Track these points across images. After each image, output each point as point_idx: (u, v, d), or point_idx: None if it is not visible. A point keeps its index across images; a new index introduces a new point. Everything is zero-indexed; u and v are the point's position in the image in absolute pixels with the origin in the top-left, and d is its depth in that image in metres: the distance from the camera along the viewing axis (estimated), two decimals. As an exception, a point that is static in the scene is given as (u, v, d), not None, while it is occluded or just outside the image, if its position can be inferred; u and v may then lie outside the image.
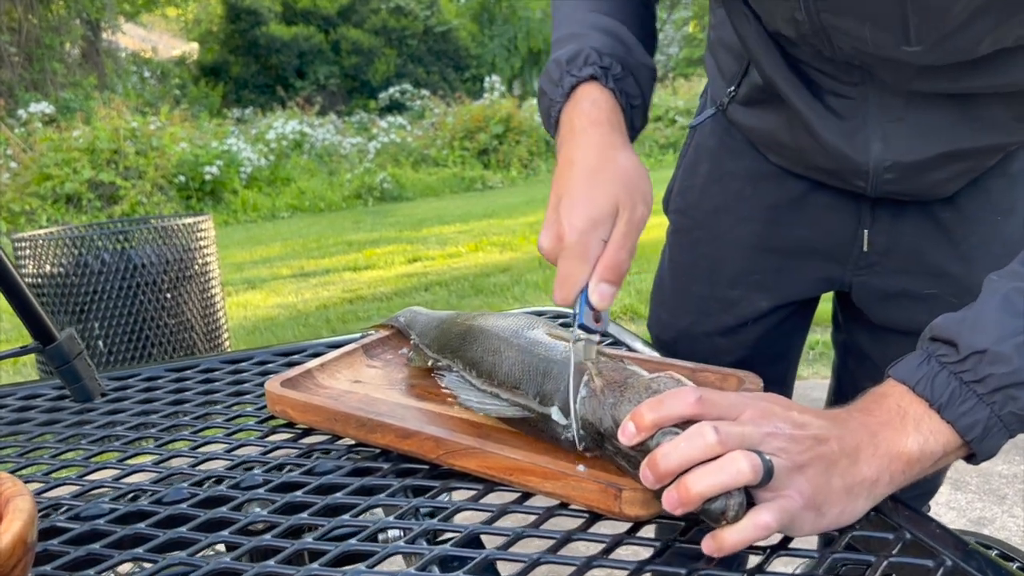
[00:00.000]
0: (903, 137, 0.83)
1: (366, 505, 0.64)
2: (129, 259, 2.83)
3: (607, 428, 0.60)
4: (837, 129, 0.85)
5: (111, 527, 0.63)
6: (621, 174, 0.72)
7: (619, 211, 0.69)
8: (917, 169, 0.85)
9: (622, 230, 0.69)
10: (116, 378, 0.94)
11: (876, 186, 0.88)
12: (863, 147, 0.85)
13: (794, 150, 0.92)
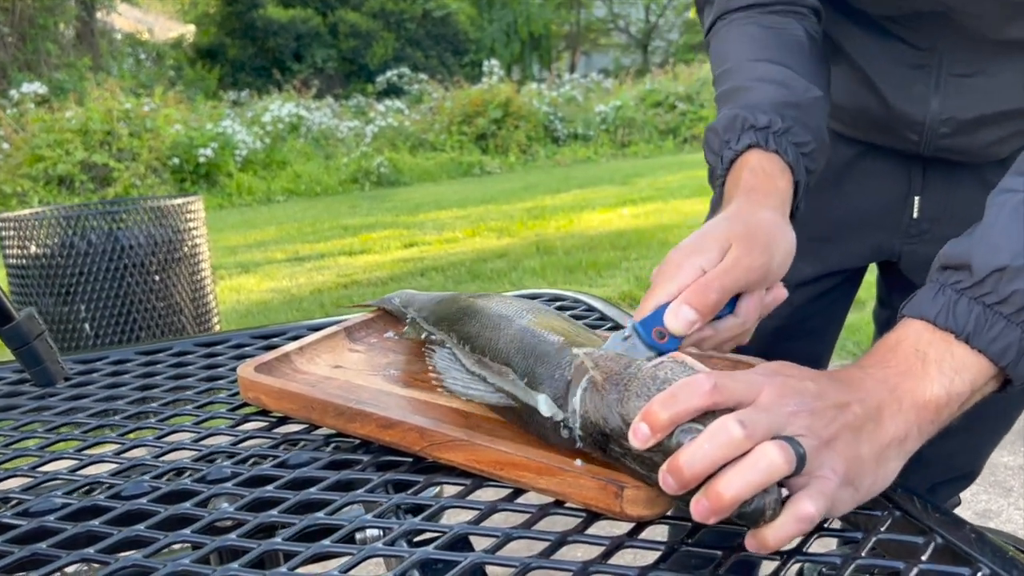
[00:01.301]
0: (964, 93, 0.82)
1: (343, 502, 0.58)
2: (117, 240, 2.78)
3: (614, 428, 0.52)
4: (899, 83, 0.84)
5: (61, 524, 0.57)
6: (750, 221, 0.67)
7: (731, 248, 0.64)
8: (973, 125, 0.84)
9: (725, 263, 0.63)
10: (81, 361, 0.88)
11: (929, 141, 0.86)
12: (921, 101, 0.84)
13: (851, 110, 0.91)
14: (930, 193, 0.94)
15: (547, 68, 18.97)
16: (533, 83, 14.07)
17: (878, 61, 0.84)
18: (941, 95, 0.83)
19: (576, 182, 8.68)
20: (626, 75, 14.38)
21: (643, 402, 0.51)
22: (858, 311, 1.62)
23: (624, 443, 0.52)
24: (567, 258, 5.06)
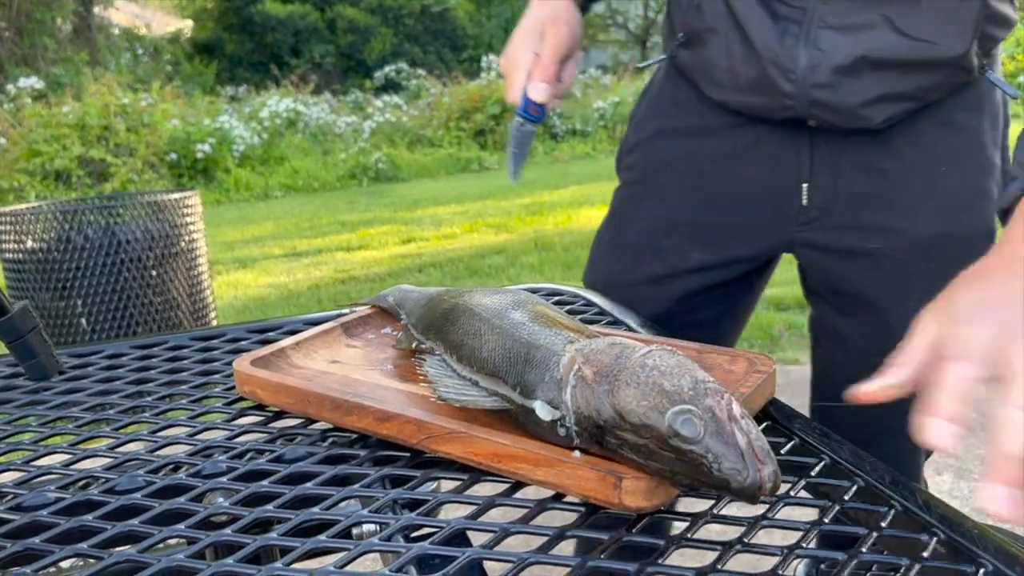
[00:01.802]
0: (831, 43, 0.88)
1: (339, 497, 0.57)
2: (114, 235, 2.77)
3: (608, 419, 0.52)
4: (773, 35, 0.90)
5: (55, 519, 0.56)
6: (548, 9, 0.97)
7: (545, 28, 0.94)
8: (844, 74, 0.88)
9: (548, 43, 0.94)
10: (76, 355, 0.87)
11: (803, 93, 0.90)
12: (790, 53, 0.89)
13: (731, 71, 0.95)
14: (818, 179, 0.96)
15: (545, 64, 18.88)
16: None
17: (754, 16, 0.91)
18: (810, 45, 0.89)
19: (574, 178, 8.67)
20: (624, 71, 14.35)
21: (633, 390, 0.51)
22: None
23: (619, 433, 0.51)
24: (565, 254, 5.05)
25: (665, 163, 1.07)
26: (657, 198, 1.07)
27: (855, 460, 0.59)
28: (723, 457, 0.48)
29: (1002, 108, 1.00)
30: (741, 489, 0.47)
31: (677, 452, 0.49)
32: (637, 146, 1.11)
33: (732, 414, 0.49)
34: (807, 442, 0.63)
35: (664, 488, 0.53)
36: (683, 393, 0.50)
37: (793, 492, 0.56)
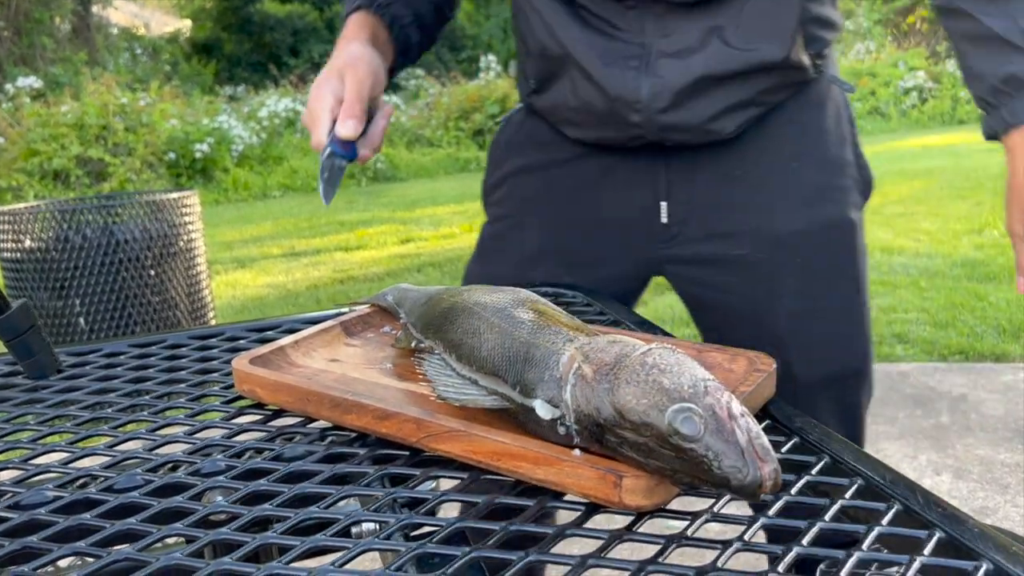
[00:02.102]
0: (670, 68, 0.91)
1: (339, 495, 0.57)
2: (112, 234, 2.76)
3: (607, 417, 0.52)
4: (614, 69, 0.93)
5: (53, 517, 0.56)
6: (346, 54, 0.94)
7: (346, 70, 0.90)
8: (684, 95, 0.92)
9: (350, 85, 0.89)
10: (74, 354, 0.87)
11: (650, 118, 0.93)
12: (634, 84, 0.92)
13: (583, 111, 0.98)
14: (675, 196, 0.99)
15: (544, 64, 18.89)
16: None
17: (595, 56, 0.93)
18: (651, 73, 0.92)
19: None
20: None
21: (633, 388, 0.51)
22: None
23: (619, 432, 0.51)
24: (564, 254, 5.04)
25: (527, 198, 1.09)
26: (523, 232, 1.09)
27: (855, 458, 0.59)
28: (723, 455, 0.47)
29: (844, 104, 1.05)
30: (741, 487, 0.47)
31: (677, 450, 0.49)
32: (499, 183, 1.13)
33: (732, 412, 0.49)
34: (807, 441, 0.63)
35: (664, 487, 0.53)
36: (683, 391, 0.50)
37: (794, 490, 0.56)
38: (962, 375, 2.92)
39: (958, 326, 3.34)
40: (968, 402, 2.70)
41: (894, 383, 2.89)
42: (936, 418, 2.60)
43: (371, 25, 0.99)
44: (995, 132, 0.91)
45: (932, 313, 3.51)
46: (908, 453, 2.38)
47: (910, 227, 5.01)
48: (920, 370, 2.99)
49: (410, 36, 1.04)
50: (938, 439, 2.46)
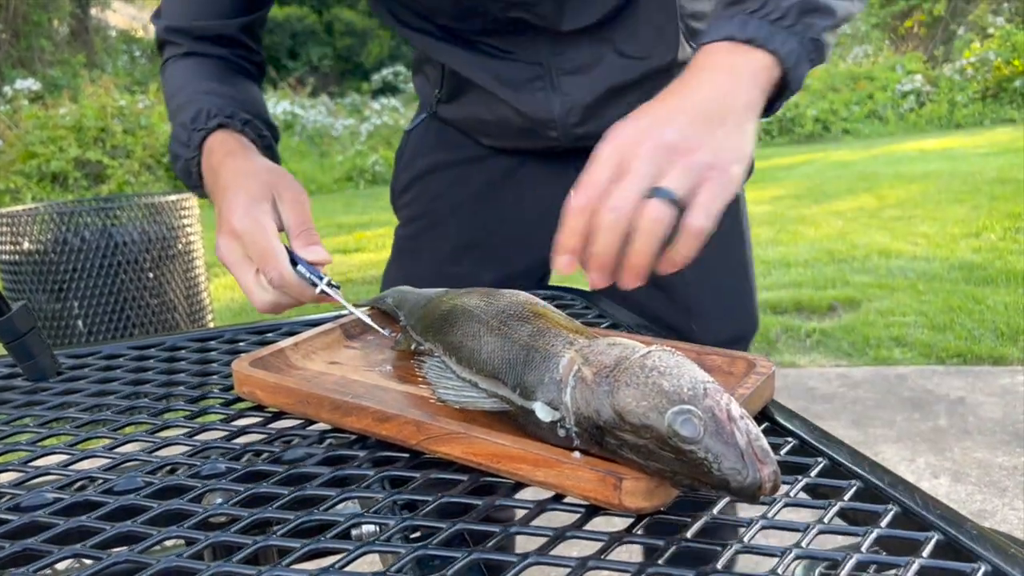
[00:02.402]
0: (575, 86, 0.94)
1: (339, 497, 0.57)
2: (111, 237, 2.76)
3: (607, 419, 0.52)
4: (523, 92, 0.95)
5: (53, 519, 0.56)
6: (263, 166, 0.81)
7: (277, 190, 0.77)
8: (596, 108, 0.95)
9: (291, 198, 0.77)
10: (74, 356, 0.87)
11: (567, 132, 0.96)
12: (545, 103, 0.95)
13: (498, 124, 1.00)
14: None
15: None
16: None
17: (502, 79, 0.95)
18: (559, 92, 0.95)
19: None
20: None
21: (633, 390, 0.51)
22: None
23: (619, 434, 0.51)
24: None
25: (439, 196, 1.10)
26: (438, 230, 1.10)
27: (854, 461, 0.59)
28: (723, 457, 0.48)
29: None
30: (741, 489, 0.47)
31: (677, 452, 0.49)
32: (410, 184, 1.13)
33: (731, 414, 0.49)
34: (806, 443, 0.63)
35: (664, 489, 0.53)
36: (682, 393, 0.50)
37: (792, 493, 0.56)
38: (960, 378, 2.92)
39: (956, 329, 3.34)
40: (966, 405, 2.70)
41: (892, 386, 2.89)
42: (934, 421, 2.60)
43: (239, 141, 0.87)
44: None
45: (930, 316, 3.51)
46: (906, 456, 2.39)
47: (908, 230, 5.02)
48: (918, 373, 3.00)
49: (274, 154, 0.95)
50: (936, 442, 2.46)
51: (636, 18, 0.93)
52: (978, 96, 10.73)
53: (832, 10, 0.70)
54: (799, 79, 0.69)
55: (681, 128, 0.62)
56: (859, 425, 2.60)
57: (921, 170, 7.05)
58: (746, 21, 0.68)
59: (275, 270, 0.72)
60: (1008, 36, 10.95)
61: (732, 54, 0.68)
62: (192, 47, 0.96)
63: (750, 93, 0.66)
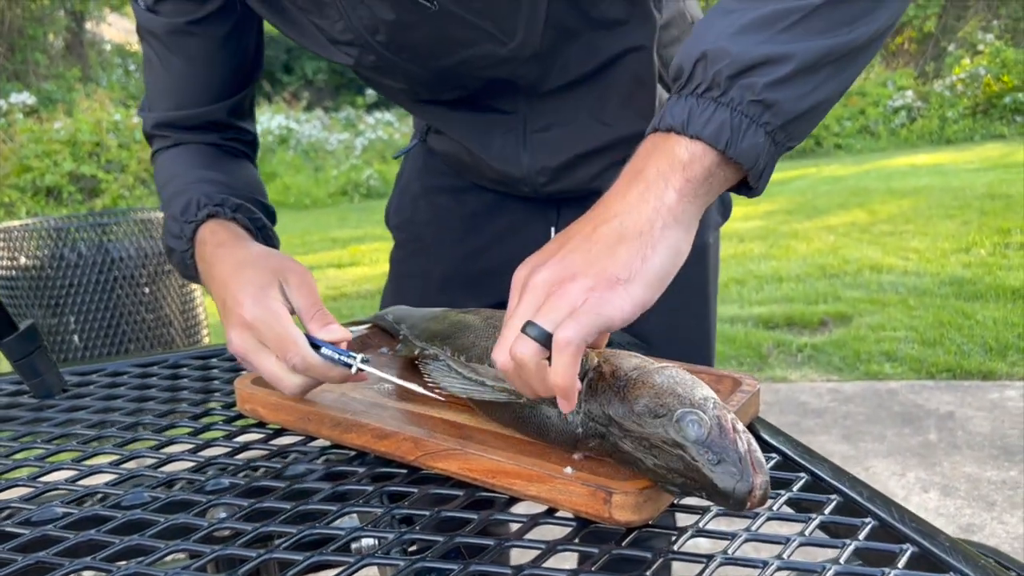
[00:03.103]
0: (546, 147, 0.93)
1: (339, 512, 0.59)
2: (107, 252, 2.77)
3: (616, 410, 0.56)
4: (494, 146, 0.94)
5: (64, 533, 0.58)
6: (260, 253, 0.78)
7: (283, 275, 0.74)
8: (566, 169, 0.94)
9: (297, 281, 0.73)
10: (78, 373, 0.89)
11: (536, 188, 0.97)
12: (515, 160, 0.94)
13: (476, 169, 1.01)
14: (564, 220, 1.02)
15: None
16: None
17: (474, 132, 0.94)
18: (529, 151, 0.94)
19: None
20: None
21: (648, 389, 0.55)
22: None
23: (626, 425, 0.55)
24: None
25: (428, 221, 1.11)
26: (427, 255, 1.11)
27: (835, 476, 0.62)
28: (722, 459, 0.51)
29: None
30: (733, 491, 0.50)
31: (680, 448, 0.52)
32: (401, 207, 1.15)
33: (735, 427, 0.53)
34: (789, 459, 0.65)
35: (652, 503, 0.55)
36: (693, 400, 0.54)
37: (776, 507, 0.59)
38: (950, 393, 2.95)
39: (946, 344, 3.38)
40: (955, 420, 2.73)
41: (882, 400, 2.92)
42: (924, 436, 2.62)
43: (229, 230, 0.84)
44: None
45: (920, 331, 3.55)
46: (896, 471, 2.41)
47: (899, 245, 5.06)
48: (908, 388, 3.02)
49: (270, 242, 0.91)
50: (926, 456, 2.49)
51: (611, 86, 0.91)
52: (968, 112, 10.82)
53: (784, 56, 0.57)
54: (748, 155, 0.58)
55: (566, 258, 0.59)
56: (850, 440, 2.62)
57: (912, 185, 7.11)
58: (672, 104, 0.59)
59: (297, 355, 0.69)
60: (998, 52, 11.07)
61: (650, 154, 0.60)
62: (180, 138, 0.94)
63: (661, 199, 0.57)
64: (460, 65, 0.84)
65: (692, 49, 0.59)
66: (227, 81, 0.94)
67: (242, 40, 0.92)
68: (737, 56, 0.57)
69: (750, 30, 0.57)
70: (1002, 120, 10.60)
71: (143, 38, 0.91)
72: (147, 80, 0.94)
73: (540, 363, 0.56)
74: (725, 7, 0.60)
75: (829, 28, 0.58)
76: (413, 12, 0.76)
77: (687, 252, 0.59)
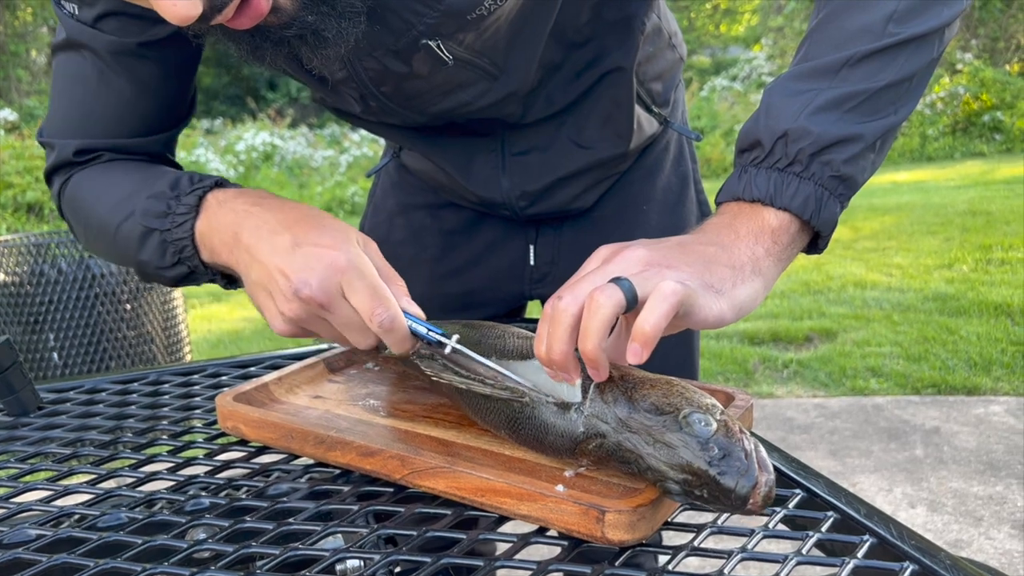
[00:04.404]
0: (526, 168, 0.93)
1: (323, 532, 0.58)
2: (88, 268, 2.74)
3: (623, 409, 0.56)
4: (473, 171, 0.93)
5: (36, 556, 0.56)
6: (324, 217, 0.69)
7: (353, 232, 0.68)
8: (545, 192, 0.95)
9: (367, 241, 0.69)
10: (55, 390, 0.87)
11: (516, 211, 0.97)
12: (495, 184, 0.94)
13: (451, 187, 1.00)
14: (544, 240, 1.02)
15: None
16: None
17: (453, 157, 0.93)
18: (508, 175, 0.93)
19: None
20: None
21: (658, 390, 0.55)
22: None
23: (630, 423, 0.55)
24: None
25: (405, 240, 1.09)
26: (403, 275, 1.06)
27: (831, 492, 0.61)
28: (728, 454, 0.50)
29: (686, 145, 1.08)
30: (735, 487, 0.49)
31: (684, 444, 0.51)
32: (376, 225, 1.12)
33: (742, 430, 0.52)
34: (784, 474, 0.64)
35: (646, 521, 0.54)
36: (701, 404, 0.54)
37: (771, 524, 0.57)
38: (935, 408, 2.96)
39: (931, 359, 3.38)
40: (941, 435, 2.73)
41: (869, 416, 2.92)
42: (910, 451, 2.62)
43: (259, 191, 0.77)
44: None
45: (905, 347, 3.56)
46: (883, 487, 2.40)
47: (882, 262, 5.09)
48: (894, 403, 3.02)
49: None
50: (912, 472, 2.48)
51: (590, 110, 0.91)
52: (948, 130, 10.94)
53: (857, 136, 0.63)
54: (828, 223, 0.64)
55: (663, 251, 0.59)
56: (837, 455, 2.62)
57: (894, 202, 7.16)
58: (754, 175, 0.63)
59: (386, 313, 0.63)
60: (976, 72, 11.21)
61: (737, 216, 0.63)
62: (115, 157, 0.83)
63: (752, 250, 0.61)
64: (458, 108, 0.83)
65: (770, 125, 0.64)
66: (168, 113, 0.84)
67: (190, 71, 0.84)
68: (819, 136, 0.62)
69: (824, 111, 0.63)
70: (981, 138, 10.73)
71: (69, 51, 0.80)
72: (68, 103, 0.82)
73: (608, 317, 0.54)
74: (795, 88, 0.64)
75: (881, 109, 0.64)
76: (426, 65, 0.75)
77: (758, 305, 0.61)
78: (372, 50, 0.73)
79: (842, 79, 0.64)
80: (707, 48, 17.40)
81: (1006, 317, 3.83)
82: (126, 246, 0.76)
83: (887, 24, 0.64)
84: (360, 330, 0.65)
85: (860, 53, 0.64)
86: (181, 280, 0.77)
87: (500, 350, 0.66)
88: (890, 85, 0.64)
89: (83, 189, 0.82)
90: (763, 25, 15.45)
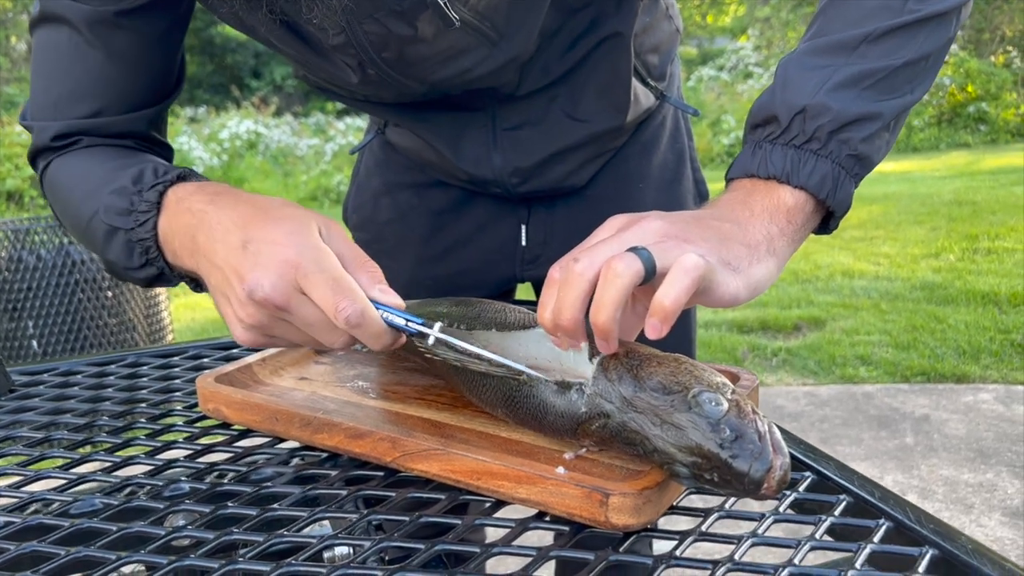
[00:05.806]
0: (518, 144, 0.89)
1: (310, 518, 0.54)
2: (68, 255, 2.69)
3: (628, 387, 0.52)
4: (463, 147, 0.90)
5: (4, 544, 0.53)
6: (279, 199, 0.63)
7: (316, 219, 0.61)
8: (537, 169, 0.91)
9: (335, 227, 0.61)
10: (28, 373, 0.83)
11: (508, 188, 0.93)
12: (486, 161, 0.90)
13: (441, 166, 0.97)
14: (535, 220, 0.99)
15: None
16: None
17: (442, 133, 0.89)
18: (500, 150, 0.90)
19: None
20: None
21: (665, 368, 0.52)
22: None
23: (636, 402, 0.52)
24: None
25: (391, 220, 1.04)
26: (390, 257, 1.02)
27: (843, 475, 0.58)
28: (740, 435, 0.48)
29: (683, 121, 1.05)
30: (749, 471, 0.47)
31: (694, 425, 0.49)
32: (361, 204, 1.08)
33: (754, 410, 0.50)
34: (793, 457, 0.61)
35: (652, 505, 0.51)
36: (712, 382, 0.51)
37: (781, 508, 0.55)
38: (924, 396, 2.95)
39: (919, 348, 3.38)
40: (931, 423, 2.72)
41: (859, 404, 2.91)
42: (900, 439, 2.62)
43: (219, 185, 0.71)
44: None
45: (894, 335, 3.55)
46: (874, 474, 2.40)
47: (870, 251, 5.09)
48: (884, 391, 3.02)
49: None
50: (903, 460, 2.48)
51: (585, 80, 0.87)
52: (934, 121, 10.98)
53: (876, 114, 0.61)
54: (843, 203, 0.63)
55: (681, 225, 0.56)
56: (827, 443, 2.61)
57: (881, 192, 7.18)
58: (769, 151, 0.62)
59: (352, 307, 0.56)
60: (961, 63, 11.24)
61: (752, 193, 0.61)
62: (93, 142, 0.78)
63: (767, 228, 0.59)
64: (457, 76, 0.78)
65: (788, 102, 0.61)
66: (151, 88, 0.79)
67: (172, 43, 0.79)
68: (838, 113, 0.60)
69: (843, 87, 0.61)
70: (966, 129, 10.77)
71: (45, 26, 0.76)
72: (46, 81, 0.77)
73: (626, 287, 0.51)
74: (813, 62, 0.62)
75: (899, 87, 0.63)
76: (431, 26, 0.71)
77: (771, 285, 0.59)
78: (374, 11, 0.69)
79: (861, 55, 0.62)
80: (694, 39, 17.38)
81: (993, 305, 3.84)
82: (94, 243, 0.72)
83: (907, 1, 0.62)
84: (327, 328, 0.58)
85: (880, 29, 0.62)
86: (153, 281, 0.72)
87: (500, 323, 0.63)
88: (908, 63, 0.62)
89: (60, 177, 0.78)
90: (750, 15, 15.45)
